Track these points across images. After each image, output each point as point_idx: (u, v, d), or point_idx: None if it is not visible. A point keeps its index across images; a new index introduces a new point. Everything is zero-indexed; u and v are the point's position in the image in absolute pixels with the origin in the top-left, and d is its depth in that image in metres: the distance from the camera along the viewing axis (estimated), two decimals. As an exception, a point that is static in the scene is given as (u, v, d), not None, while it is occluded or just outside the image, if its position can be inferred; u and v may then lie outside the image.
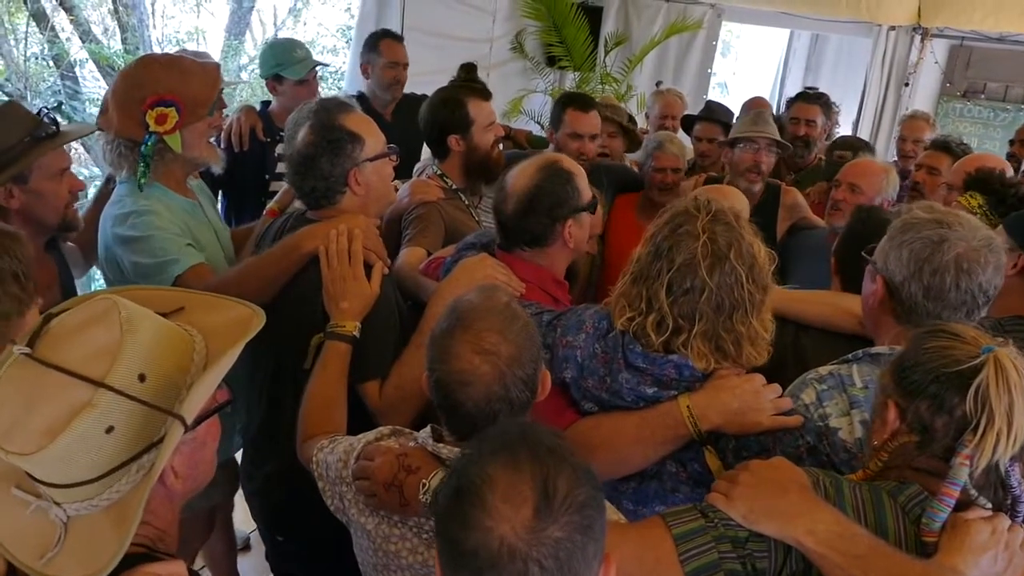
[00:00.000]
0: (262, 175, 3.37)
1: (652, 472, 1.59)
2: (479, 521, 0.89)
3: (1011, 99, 6.88)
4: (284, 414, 1.89)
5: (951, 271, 1.56)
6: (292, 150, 2.02)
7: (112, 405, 1.02)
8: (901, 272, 1.61)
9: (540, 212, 1.90)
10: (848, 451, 1.51)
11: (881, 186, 3.09)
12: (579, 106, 3.28)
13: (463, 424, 1.38)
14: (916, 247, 1.60)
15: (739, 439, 1.53)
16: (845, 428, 1.58)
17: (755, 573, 1.18)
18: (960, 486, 1.16)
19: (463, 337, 1.35)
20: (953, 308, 1.58)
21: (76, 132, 2.21)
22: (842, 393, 1.62)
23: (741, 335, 1.53)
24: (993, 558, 1.14)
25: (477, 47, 5.59)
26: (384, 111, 3.86)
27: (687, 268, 1.50)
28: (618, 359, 1.58)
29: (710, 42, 6.73)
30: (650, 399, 1.57)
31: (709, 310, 1.50)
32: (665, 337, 1.53)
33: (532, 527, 0.88)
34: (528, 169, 1.97)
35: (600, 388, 1.61)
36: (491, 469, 0.92)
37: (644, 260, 1.57)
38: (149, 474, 1.05)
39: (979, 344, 1.20)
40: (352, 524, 1.53)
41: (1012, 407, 1.14)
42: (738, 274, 1.50)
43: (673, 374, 1.54)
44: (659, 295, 1.52)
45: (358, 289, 1.88)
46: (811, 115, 4.22)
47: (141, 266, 2.11)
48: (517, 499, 0.89)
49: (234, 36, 9.82)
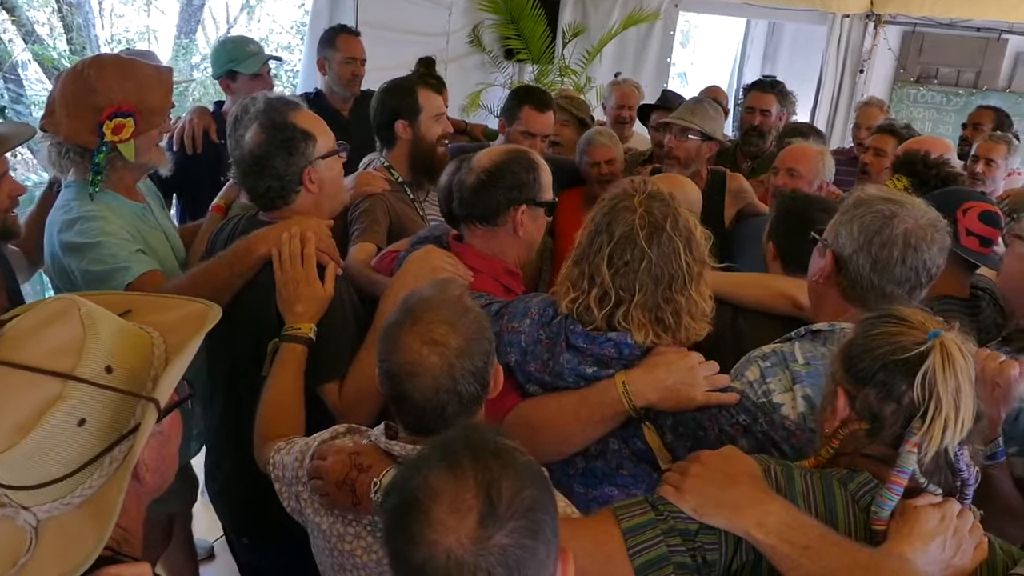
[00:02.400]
0: (217, 177, 3.29)
1: (596, 451, 1.62)
2: (424, 535, 0.87)
3: (963, 84, 7.01)
4: (242, 417, 1.87)
5: (899, 245, 1.59)
6: (240, 150, 1.99)
7: (84, 397, 1.02)
8: (851, 244, 1.64)
9: (498, 189, 1.93)
10: (787, 428, 1.53)
11: (818, 169, 3.13)
12: (536, 105, 3.25)
13: (412, 417, 1.37)
14: (867, 220, 1.63)
15: (676, 416, 1.56)
16: (788, 404, 1.61)
17: (705, 565, 1.18)
18: (908, 474, 1.16)
19: (412, 328, 1.34)
20: (897, 283, 1.61)
21: (15, 137, 2.12)
22: (785, 370, 1.64)
23: (680, 306, 1.55)
24: (942, 544, 1.15)
25: (434, 41, 5.55)
26: (342, 107, 3.82)
27: (626, 240, 1.54)
28: (560, 342, 1.61)
29: (668, 32, 6.76)
30: (590, 378, 1.59)
31: (649, 281, 1.53)
32: (608, 310, 1.55)
33: (477, 536, 0.86)
34: (497, 150, 2.03)
35: (543, 371, 1.64)
36: (433, 479, 0.90)
37: (585, 241, 1.60)
38: (124, 463, 1.05)
39: (926, 329, 1.21)
40: (308, 524, 1.53)
41: (959, 392, 1.15)
42: (675, 245, 1.54)
43: (612, 352, 1.57)
44: (601, 269, 1.55)
45: (312, 292, 1.87)
46: (766, 104, 4.25)
47: (90, 273, 2.06)
48: (461, 509, 0.87)
49: (185, 34, 9.66)
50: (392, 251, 2.26)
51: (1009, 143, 3.87)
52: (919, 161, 2.68)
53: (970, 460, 1.20)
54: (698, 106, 3.43)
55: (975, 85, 6.95)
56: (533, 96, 3.32)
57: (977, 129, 4.51)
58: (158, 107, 2.17)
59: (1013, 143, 3.89)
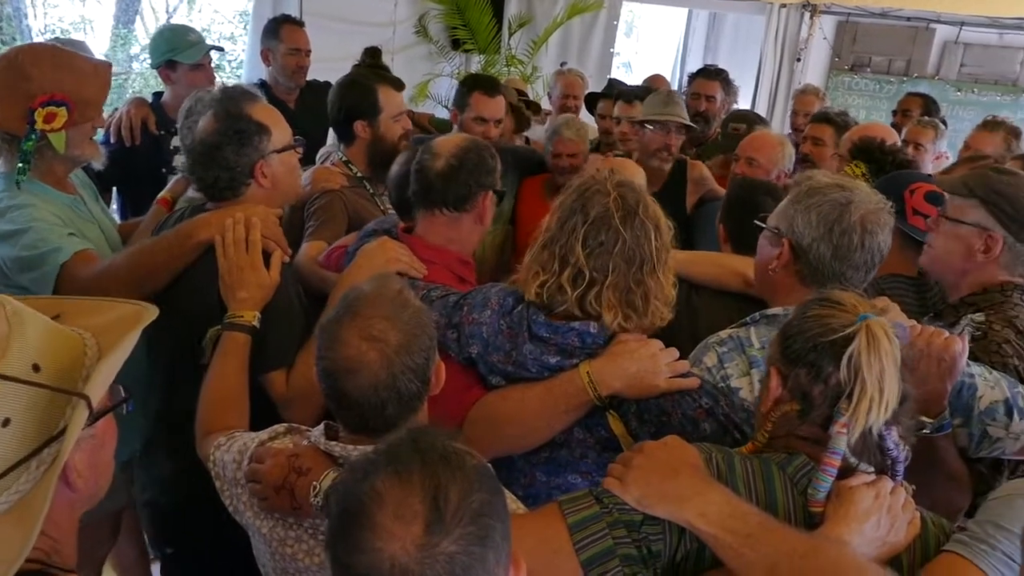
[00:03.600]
0: (158, 170, 3.23)
1: (561, 440, 1.62)
2: (368, 543, 0.84)
3: (894, 71, 7.25)
4: (180, 413, 1.81)
5: (857, 231, 1.65)
6: (193, 139, 1.96)
7: (8, 395, 0.96)
8: (810, 234, 1.68)
9: (467, 173, 1.92)
10: (746, 410, 1.58)
11: (777, 158, 3.21)
12: (485, 90, 3.29)
13: (351, 415, 1.35)
14: (824, 209, 1.68)
15: (640, 403, 1.57)
16: (745, 387, 1.66)
17: (651, 556, 1.19)
18: (840, 454, 1.20)
19: (351, 324, 1.32)
20: (856, 267, 1.67)
21: None
22: (741, 354, 1.69)
23: (650, 290, 1.57)
24: (877, 522, 1.19)
25: (380, 31, 5.51)
26: (288, 98, 3.78)
27: (601, 221, 1.55)
28: (523, 332, 1.61)
29: (612, 22, 6.85)
30: (553, 368, 1.59)
31: (622, 262, 1.55)
32: (580, 291, 1.56)
33: (423, 544, 0.83)
34: (456, 137, 2.01)
35: (506, 362, 1.63)
36: (379, 484, 0.86)
37: (555, 225, 1.60)
38: (53, 466, 0.99)
39: (857, 312, 1.25)
40: (249, 527, 1.49)
41: (883, 374, 1.18)
42: (647, 229, 1.56)
43: (576, 342, 1.58)
44: (575, 249, 1.55)
45: (256, 278, 1.83)
46: (711, 91, 4.34)
47: (22, 260, 2.01)
48: (407, 515, 0.84)
49: (123, 24, 9.40)
50: (339, 247, 2.21)
51: (936, 128, 4.02)
52: (876, 148, 2.76)
53: (899, 439, 1.23)
54: (670, 98, 3.52)
55: (905, 73, 7.18)
56: (482, 82, 3.37)
57: (906, 115, 4.66)
58: (93, 100, 2.12)
59: (940, 128, 4.05)
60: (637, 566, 1.19)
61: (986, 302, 1.93)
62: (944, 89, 6.86)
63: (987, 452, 1.72)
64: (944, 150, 4.20)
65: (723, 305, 1.99)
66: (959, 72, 7.10)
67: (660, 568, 1.20)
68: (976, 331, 1.84)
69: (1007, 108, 6.79)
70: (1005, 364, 1.78)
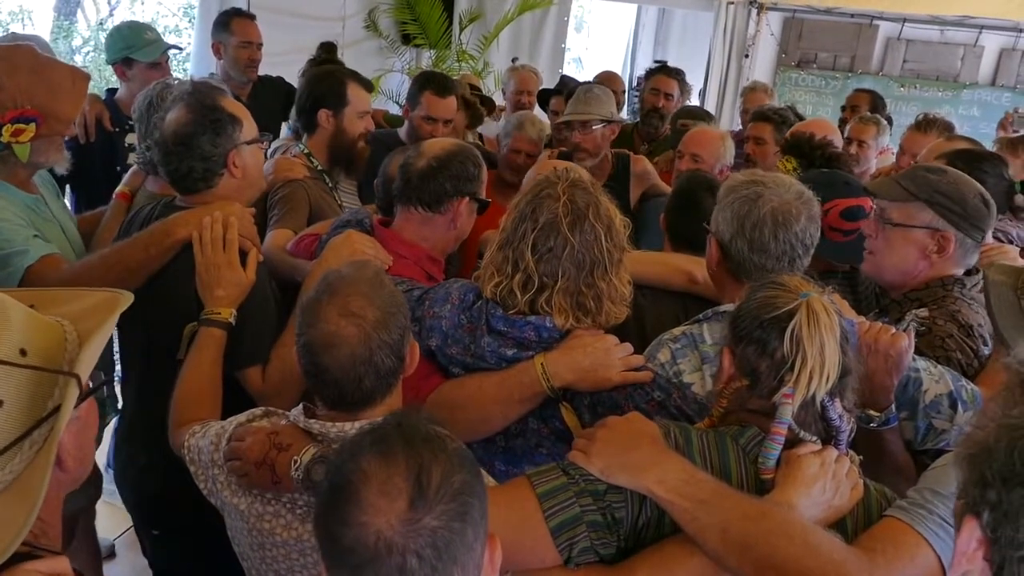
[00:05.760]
0: (113, 167, 3.18)
1: (517, 430, 1.67)
2: (354, 517, 0.90)
3: (839, 68, 7.43)
4: (157, 406, 1.84)
5: (768, 224, 1.70)
6: (162, 132, 1.96)
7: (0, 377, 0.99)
8: (728, 231, 1.75)
9: (448, 175, 1.96)
10: (699, 403, 1.62)
11: (719, 152, 3.27)
12: (437, 90, 3.27)
13: (329, 389, 1.39)
14: (736, 206, 1.74)
15: (593, 395, 1.62)
16: (697, 383, 1.69)
17: (615, 522, 1.26)
18: (786, 424, 1.27)
19: (331, 301, 1.37)
20: (776, 258, 1.72)
21: None
22: (694, 351, 1.73)
23: (602, 292, 1.62)
24: (822, 487, 1.27)
25: (329, 26, 5.46)
26: (241, 92, 3.71)
27: (550, 227, 1.59)
28: (481, 326, 1.65)
29: (562, 18, 6.89)
30: (511, 360, 1.63)
31: (571, 267, 1.59)
32: (531, 295, 1.60)
33: (407, 519, 0.89)
34: (449, 141, 2.09)
35: (465, 354, 1.68)
36: (365, 463, 0.92)
37: (509, 227, 1.64)
38: (47, 445, 1.02)
39: (799, 292, 1.32)
40: (225, 507, 1.53)
41: (823, 347, 1.26)
42: (597, 232, 1.59)
43: (532, 336, 1.62)
44: (525, 255, 1.59)
45: (233, 277, 1.87)
46: (669, 88, 4.39)
47: None
48: (392, 492, 0.90)
49: (65, 16, 9.15)
50: (309, 234, 2.25)
51: (878, 123, 4.12)
52: (805, 143, 2.84)
53: (842, 411, 1.31)
54: (589, 95, 3.48)
55: (851, 69, 7.37)
56: (434, 81, 3.34)
57: (855, 112, 4.76)
58: (65, 116, 2.10)
59: (882, 123, 4.15)
60: (602, 531, 1.25)
61: (928, 297, 1.98)
62: (888, 85, 7.05)
63: (932, 444, 1.77)
64: (888, 144, 4.30)
65: (668, 303, 2.04)
66: (902, 68, 7.32)
67: (623, 533, 1.27)
68: (921, 327, 1.89)
69: (948, 104, 7.03)
70: (948, 358, 1.84)
